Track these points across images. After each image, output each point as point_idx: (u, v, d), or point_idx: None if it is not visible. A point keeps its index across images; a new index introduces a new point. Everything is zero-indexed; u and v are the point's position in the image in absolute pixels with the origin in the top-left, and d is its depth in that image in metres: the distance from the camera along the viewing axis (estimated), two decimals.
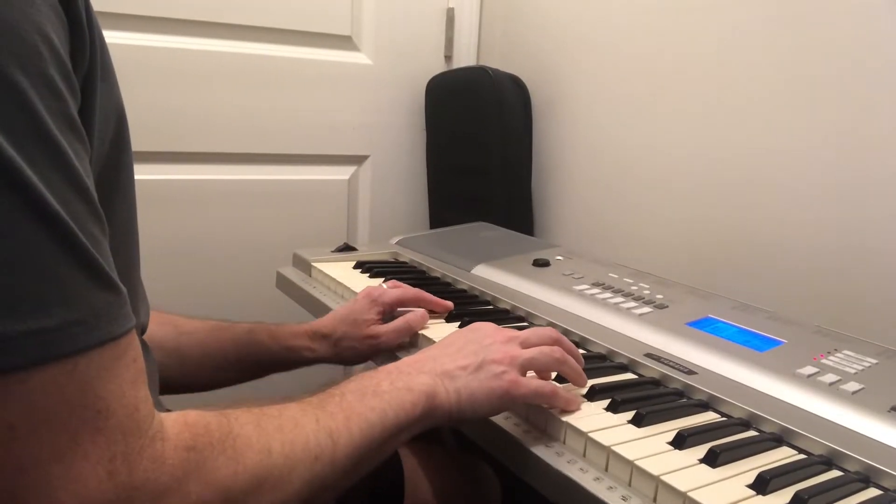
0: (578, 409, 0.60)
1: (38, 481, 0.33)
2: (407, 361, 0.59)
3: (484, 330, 0.63)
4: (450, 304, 0.84)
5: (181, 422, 0.40)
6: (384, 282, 0.90)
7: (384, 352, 0.79)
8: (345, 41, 1.46)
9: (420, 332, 0.79)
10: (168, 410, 0.41)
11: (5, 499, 0.33)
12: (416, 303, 0.83)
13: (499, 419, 0.61)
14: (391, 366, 0.58)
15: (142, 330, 0.58)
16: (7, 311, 0.32)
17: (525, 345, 0.61)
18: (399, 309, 0.82)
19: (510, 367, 0.58)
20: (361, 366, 0.85)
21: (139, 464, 0.36)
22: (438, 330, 0.79)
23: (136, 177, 0.50)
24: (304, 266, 1.07)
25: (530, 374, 0.61)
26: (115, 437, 0.35)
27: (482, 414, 0.58)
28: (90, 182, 0.37)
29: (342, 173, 1.52)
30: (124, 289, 0.38)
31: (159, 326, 0.74)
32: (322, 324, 0.82)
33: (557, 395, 0.59)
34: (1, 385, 0.32)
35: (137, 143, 0.49)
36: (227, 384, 0.81)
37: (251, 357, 0.80)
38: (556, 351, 0.61)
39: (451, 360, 0.59)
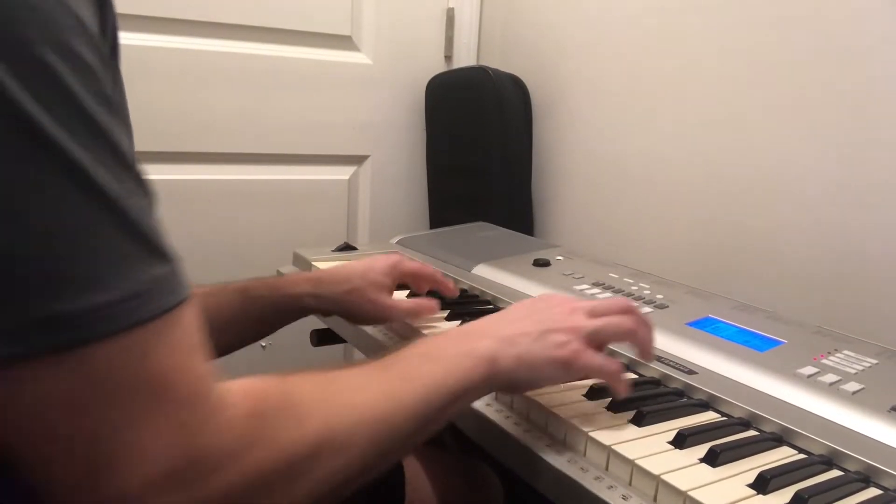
0: (625, 394, 0.58)
1: (109, 453, 0.34)
2: (469, 326, 0.58)
3: (551, 299, 0.62)
4: (457, 290, 0.85)
5: (243, 389, 0.40)
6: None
7: (386, 323, 0.78)
8: (345, 41, 1.46)
9: (421, 329, 0.78)
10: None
11: (83, 469, 0.34)
12: (431, 281, 0.84)
13: (498, 418, 0.61)
14: (452, 330, 0.58)
15: None
16: (67, 288, 0.32)
17: (592, 314, 0.59)
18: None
19: (573, 336, 0.56)
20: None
21: (204, 432, 0.36)
22: (437, 330, 0.79)
23: None
24: (304, 265, 1.07)
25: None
26: (180, 407, 0.36)
27: (541, 382, 0.57)
28: (135, 156, 0.37)
29: (342, 173, 1.52)
30: (178, 258, 0.38)
31: None
32: (333, 271, 0.80)
33: (619, 374, 0.57)
34: (65, 361, 0.33)
35: (137, 142, 0.49)
36: (228, 350, 0.78)
37: (252, 314, 0.77)
38: (626, 321, 0.59)
39: (514, 327, 0.57)
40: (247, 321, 0.78)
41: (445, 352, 0.53)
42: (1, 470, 0.37)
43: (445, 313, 0.83)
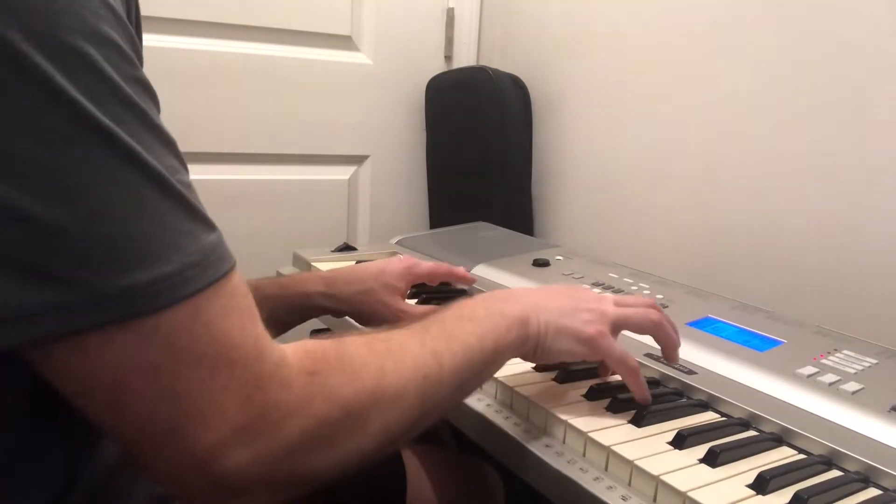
0: (647, 401, 0.59)
1: (189, 409, 0.37)
2: (503, 292, 0.61)
3: (578, 287, 0.65)
4: (473, 277, 0.86)
5: (301, 350, 0.42)
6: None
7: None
8: (345, 41, 1.46)
9: None
10: None
11: (165, 427, 0.36)
12: (447, 277, 0.84)
13: (498, 418, 0.61)
14: (486, 294, 0.60)
15: None
16: (132, 262, 0.35)
17: (619, 304, 0.61)
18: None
19: (601, 318, 0.59)
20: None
21: (270, 387, 0.39)
22: None
23: None
24: (303, 266, 1.07)
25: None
26: (247, 366, 0.38)
27: (564, 354, 0.59)
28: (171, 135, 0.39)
29: (342, 173, 1.52)
30: (219, 228, 0.40)
31: None
32: (346, 271, 0.80)
33: (637, 374, 0.59)
34: (138, 329, 0.35)
35: None
36: None
37: (262, 313, 0.77)
38: (652, 313, 0.62)
39: (546, 298, 0.60)
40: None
41: (482, 313, 0.55)
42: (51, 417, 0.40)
43: None
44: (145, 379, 0.36)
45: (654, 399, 0.62)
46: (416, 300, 0.81)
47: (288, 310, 0.79)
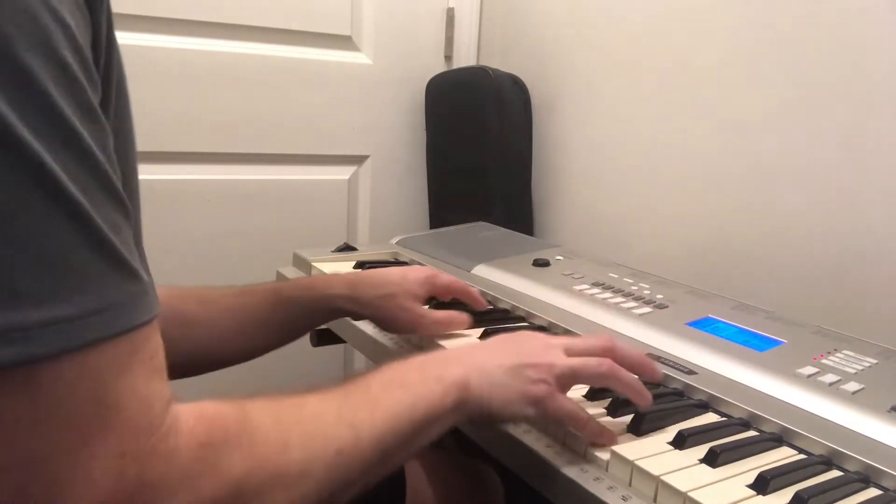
0: (612, 442, 0.55)
1: (45, 477, 0.32)
2: (438, 353, 0.57)
3: (526, 334, 0.61)
4: (485, 303, 0.83)
5: (196, 414, 0.38)
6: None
7: (416, 334, 0.77)
8: (345, 41, 1.46)
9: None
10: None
11: (12, 493, 0.32)
12: (462, 295, 0.82)
13: None
14: (421, 357, 0.55)
15: None
16: (25, 299, 0.31)
17: (569, 352, 0.57)
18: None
19: (548, 374, 0.54)
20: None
21: (150, 461, 0.35)
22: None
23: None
24: (304, 266, 1.07)
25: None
26: (126, 435, 0.34)
27: (511, 416, 0.56)
28: (112, 168, 0.36)
29: (342, 173, 1.52)
30: (147, 278, 0.36)
31: (182, 301, 0.72)
32: (369, 275, 0.79)
33: (588, 425, 0.54)
34: (11, 378, 0.31)
35: (138, 143, 0.48)
36: (259, 352, 0.78)
37: (284, 315, 0.76)
38: (604, 363, 0.56)
39: (487, 356, 0.56)
40: (278, 322, 0.77)
41: (414, 377, 0.51)
42: None
43: (480, 331, 0.78)
44: (4, 437, 0.31)
45: (654, 399, 0.62)
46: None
47: (310, 313, 0.78)
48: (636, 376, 0.58)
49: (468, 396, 0.52)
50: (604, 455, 0.54)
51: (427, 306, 0.81)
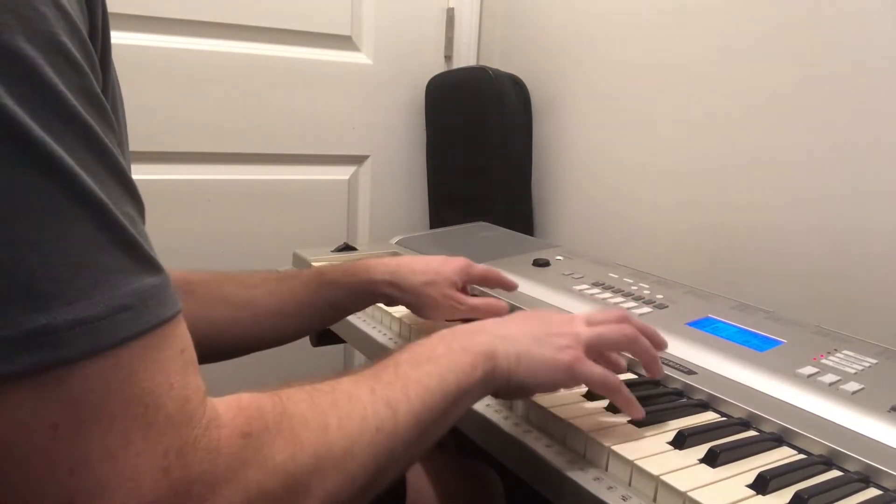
0: (640, 415, 0.56)
1: (90, 483, 0.31)
2: (465, 326, 0.56)
3: (546, 311, 0.63)
4: (516, 284, 0.84)
5: (235, 406, 0.38)
6: None
7: (456, 321, 0.77)
8: (345, 41, 1.46)
9: None
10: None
11: (58, 501, 0.31)
12: (495, 283, 0.83)
13: (498, 419, 0.61)
14: (447, 330, 0.54)
15: None
16: (46, 302, 0.30)
17: (590, 323, 0.58)
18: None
19: (575, 342, 0.55)
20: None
21: (194, 456, 0.34)
22: None
23: (136, 177, 0.50)
24: (303, 266, 1.07)
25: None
26: (167, 431, 0.33)
27: (541, 386, 0.55)
28: (122, 159, 0.35)
29: (342, 173, 1.52)
30: (166, 270, 0.36)
31: (225, 283, 0.73)
32: (409, 262, 0.79)
33: (622, 390, 0.55)
34: (46, 381, 0.30)
35: (137, 143, 0.48)
36: (302, 334, 0.79)
37: (327, 299, 0.77)
38: (626, 328, 0.58)
39: (513, 326, 0.56)
40: (320, 306, 0.77)
41: (442, 350, 0.51)
42: None
43: None
44: (38, 441, 0.30)
45: (654, 399, 0.62)
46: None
47: (352, 296, 0.78)
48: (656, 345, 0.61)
49: (496, 365, 0.52)
50: (604, 450, 0.54)
51: None
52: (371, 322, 0.90)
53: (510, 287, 0.84)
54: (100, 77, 0.36)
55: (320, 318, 0.79)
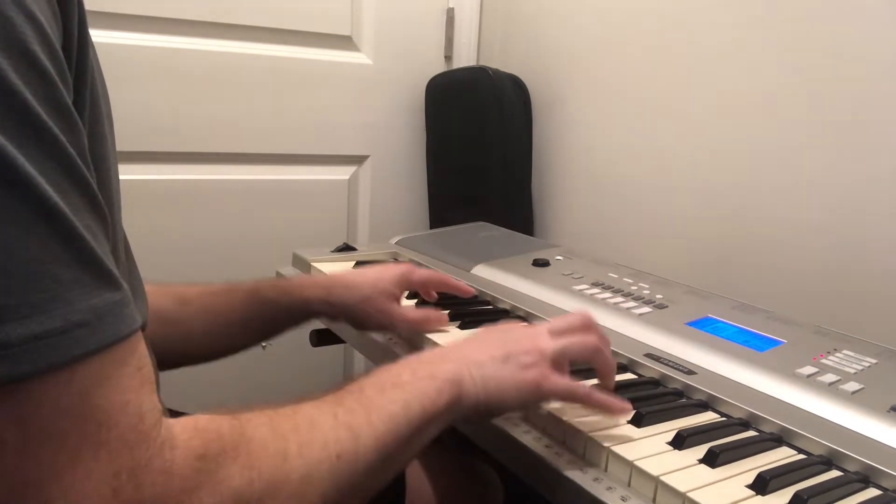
0: (624, 411, 0.57)
1: (37, 502, 0.31)
2: (429, 352, 0.57)
3: (510, 325, 0.61)
4: (472, 289, 0.84)
5: (191, 427, 0.37)
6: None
7: (394, 333, 0.78)
8: (345, 41, 1.46)
9: (428, 336, 0.77)
10: (180, 414, 0.39)
11: None
12: (442, 287, 0.83)
13: (498, 420, 0.61)
14: (412, 357, 0.54)
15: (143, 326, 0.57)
16: (7, 314, 0.29)
17: (554, 333, 0.58)
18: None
19: (540, 359, 0.55)
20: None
21: (146, 477, 0.33)
22: (447, 337, 0.77)
23: (137, 177, 0.50)
24: (303, 266, 1.07)
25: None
26: (119, 451, 0.32)
27: (511, 406, 0.56)
28: (88, 171, 0.34)
29: (342, 173, 1.52)
30: (126, 286, 0.35)
31: (160, 298, 0.71)
32: (344, 278, 0.79)
33: (592, 395, 0.56)
34: None
35: (137, 143, 0.48)
36: (236, 350, 0.78)
37: (260, 316, 0.76)
38: (590, 339, 0.58)
39: (478, 349, 0.55)
40: (255, 322, 0.77)
41: (406, 377, 0.50)
42: None
43: (458, 322, 0.80)
44: None
45: (654, 399, 0.62)
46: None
47: (287, 315, 0.78)
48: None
49: (462, 392, 0.52)
50: (603, 450, 0.54)
51: (416, 302, 0.81)
52: (348, 324, 0.89)
53: (462, 292, 0.83)
54: (70, 87, 0.35)
55: (255, 335, 0.79)
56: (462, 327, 0.80)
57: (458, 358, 0.54)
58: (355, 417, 0.45)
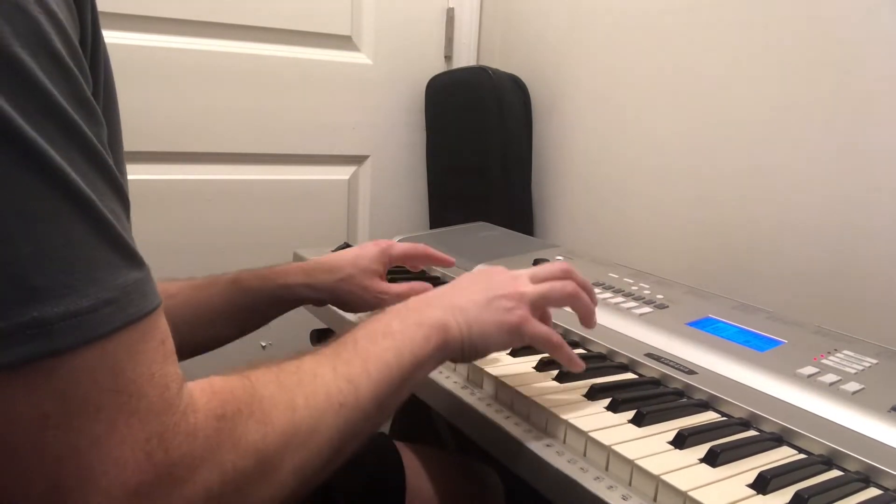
0: (580, 369, 0.61)
1: (78, 470, 0.33)
2: (416, 299, 0.59)
3: (492, 269, 0.63)
4: (452, 259, 0.85)
5: (209, 390, 0.39)
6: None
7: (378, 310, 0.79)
8: (345, 41, 1.46)
9: None
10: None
11: (47, 487, 0.33)
12: (423, 259, 0.84)
13: (499, 418, 0.61)
14: (399, 305, 0.57)
15: None
16: (43, 294, 0.31)
17: (534, 279, 0.61)
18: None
19: (520, 302, 0.58)
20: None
21: (174, 440, 0.36)
22: None
23: (137, 177, 0.50)
24: None
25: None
26: (149, 419, 0.35)
27: (493, 348, 0.58)
28: (109, 159, 0.36)
29: (342, 173, 1.52)
30: (147, 265, 0.37)
31: None
32: (324, 260, 0.79)
33: (563, 348, 0.60)
34: (35, 373, 0.32)
35: (138, 143, 0.49)
36: (222, 342, 0.78)
37: (243, 305, 0.77)
38: (568, 285, 0.61)
39: (461, 295, 0.58)
40: (239, 312, 0.77)
41: (397, 326, 0.53)
42: None
43: None
44: (29, 431, 0.32)
45: (654, 399, 0.62)
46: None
47: (270, 302, 0.78)
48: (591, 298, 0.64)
49: (448, 336, 0.55)
50: (605, 449, 0.54)
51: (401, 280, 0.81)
52: (334, 306, 0.88)
53: (446, 263, 0.85)
54: (89, 80, 0.37)
55: (238, 325, 0.78)
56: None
57: (443, 304, 0.57)
58: (353, 368, 0.48)
